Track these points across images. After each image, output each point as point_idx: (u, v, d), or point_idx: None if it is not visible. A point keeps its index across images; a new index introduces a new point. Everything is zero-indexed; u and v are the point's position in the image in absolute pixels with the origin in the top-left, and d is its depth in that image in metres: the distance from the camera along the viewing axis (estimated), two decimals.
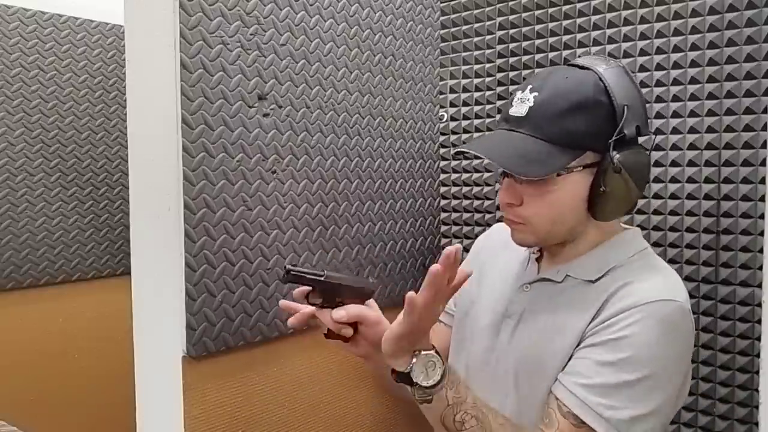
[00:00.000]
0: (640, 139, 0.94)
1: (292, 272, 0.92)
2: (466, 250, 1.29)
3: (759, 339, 1.10)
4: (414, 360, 0.86)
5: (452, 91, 1.46)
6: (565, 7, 1.29)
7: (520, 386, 0.95)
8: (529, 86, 0.90)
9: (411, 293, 0.82)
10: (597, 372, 0.86)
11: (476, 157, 1.41)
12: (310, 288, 0.95)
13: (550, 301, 0.96)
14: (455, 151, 0.97)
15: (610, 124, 0.88)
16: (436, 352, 0.88)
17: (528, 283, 1.00)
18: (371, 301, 1.03)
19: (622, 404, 0.84)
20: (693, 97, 1.16)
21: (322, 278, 0.94)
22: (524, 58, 1.35)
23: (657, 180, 1.19)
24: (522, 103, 0.90)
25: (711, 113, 1.14)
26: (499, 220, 1.41)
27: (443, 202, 1.48)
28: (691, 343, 0.91)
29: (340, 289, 0.96)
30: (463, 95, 1.45)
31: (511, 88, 1.37)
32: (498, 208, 1.41)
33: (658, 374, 0.85)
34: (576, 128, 0.88)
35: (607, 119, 0.88)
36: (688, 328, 0.89)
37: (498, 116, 0.90)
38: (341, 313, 0.94)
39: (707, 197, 1.15)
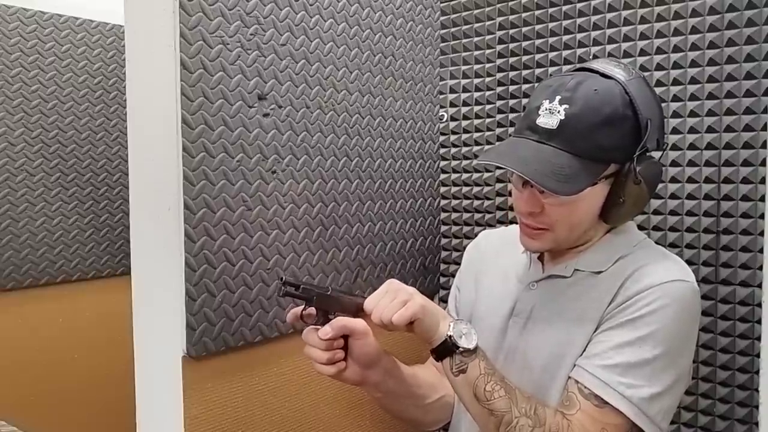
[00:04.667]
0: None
1: (301, 286, 0.92)
2: (460, 249, 1.29)
3: (759, 339, 1.10)
4: (452, 324, 0.90)
5: (452, 91, 1.46)
6: (565, 7, 1.29)
7: (535, 381, 0.96)
8: (558, 97, 0.90)
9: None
10: (617, 352, 0.88)
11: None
12: (303, 306, 0.94)
13: (561, 295, 0.98)
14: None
15: (635, 137, 0.90)
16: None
17: (535, 282, 1.02)
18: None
19: (641, 382, 0.87)
20: (693, 97, 1.16)
21: (329, 293, 0.94)
22: (524, 58, 1.35)
23: None
24: (552, 115, 0.90)
25: (711, 113, 1.14)
26: (499, 220, 1.41)
27: (443, 202, 1.48)
28: (698, 324, 0.95)
29: (336, 303, 0.95)
30: (463, 95, 1.45)
31: (512, 88, 1.37)
32: (498, 208, 1.41)
33: (672, 352, 0.89)
34: (605, 143, 0.89)
35: (632, 132, 0.90)
36: (698, 309, 0.94)
37: (518, 120, 0.88)
38: (326, 329, 0.92)
39: (707, 197, 1.15)
